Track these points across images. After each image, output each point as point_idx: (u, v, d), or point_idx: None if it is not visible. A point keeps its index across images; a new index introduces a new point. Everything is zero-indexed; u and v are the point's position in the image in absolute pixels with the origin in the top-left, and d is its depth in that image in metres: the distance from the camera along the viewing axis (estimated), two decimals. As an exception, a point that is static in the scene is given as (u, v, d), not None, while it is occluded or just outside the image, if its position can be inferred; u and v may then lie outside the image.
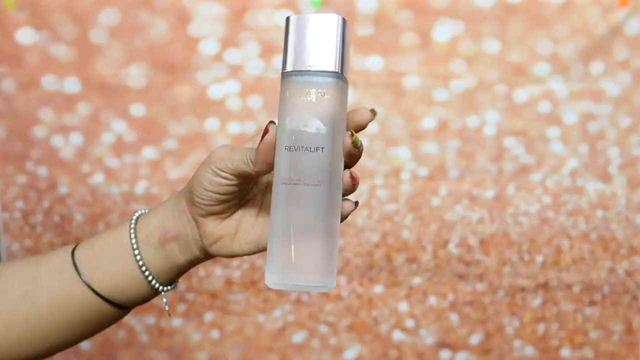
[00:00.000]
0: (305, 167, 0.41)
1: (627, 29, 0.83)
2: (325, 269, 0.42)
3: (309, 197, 0.42)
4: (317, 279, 0.42)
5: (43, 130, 0.87)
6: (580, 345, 0.94)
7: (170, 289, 0.49)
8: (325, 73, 0.42)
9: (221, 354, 0.95)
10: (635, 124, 0.87)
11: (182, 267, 0.47)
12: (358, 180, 0.43)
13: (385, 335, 0.95)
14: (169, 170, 0.89)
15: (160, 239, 0.46)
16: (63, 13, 0.83)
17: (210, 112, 0.87)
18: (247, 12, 0.84)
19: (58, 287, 0.46)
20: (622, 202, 0.90)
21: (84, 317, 0.47)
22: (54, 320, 0.46)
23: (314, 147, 0.41)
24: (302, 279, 0.42)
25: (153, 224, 0.47)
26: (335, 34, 0.43)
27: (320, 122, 0.42)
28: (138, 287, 0.47)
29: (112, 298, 0.47)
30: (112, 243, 0.47)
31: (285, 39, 0.43)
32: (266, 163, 0.42)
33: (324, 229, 0.42)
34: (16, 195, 0.90)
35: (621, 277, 0.92)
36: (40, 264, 0.47)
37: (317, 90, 0.42)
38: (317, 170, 0.42)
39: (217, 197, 0.44)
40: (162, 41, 0.84)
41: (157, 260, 0.46)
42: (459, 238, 0.91)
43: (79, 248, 0.48)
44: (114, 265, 0.46)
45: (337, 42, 0.43)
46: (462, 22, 0.84)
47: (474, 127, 0.88)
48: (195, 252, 0.47)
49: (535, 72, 0.85)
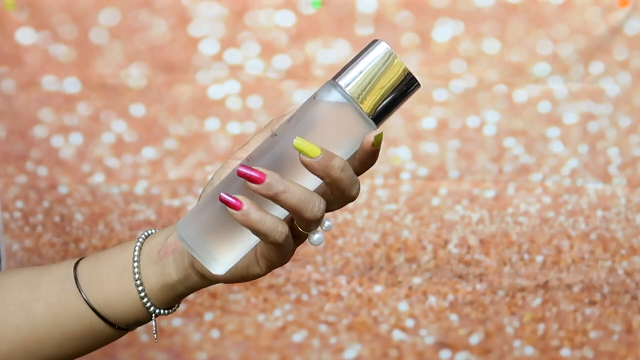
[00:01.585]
0: (267, 156, 0.41)
1: (627, 29, 0.83)
2: (229, 258, 0.42)
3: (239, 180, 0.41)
4: (220, 263, 0.42)
5: (43, 130, 0.87)
6: (580, 345, 0.94)
7: (164, 314, 0.47)
8: (367, 121, 0.41)
9: (221, 354, 0.95)
10: (635, 124, 0.87)
11: (174, 286, 0.45)
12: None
13: (385, 335, 0.95)
14: (169, 171, 0.89)
15: (160, 251, 0.45)
16: (63, 13, 0.83)
17: (211, 112, 0.87)
18: (247, 12, 0.84)
19: (56, 297, 0.45)
20: (622, 202, 0.90)
21: (76, 331, 0.45)
22: (47, 332, 0.45)
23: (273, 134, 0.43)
24: (207, 256, 0.41)
25: (158, 239, 0.46)
26: (404, 94, 0.43)
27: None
28: (131, 304, 0.45)
29: (104, 314, 0.45)
30: (116, 256, 0.46)
31: (360, 62, 0.41)
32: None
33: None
34: (16, 195, 0.90)
35: (621, 277, 0.92)
36: (45, 273, 0.46)
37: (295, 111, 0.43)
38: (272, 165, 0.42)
39: None
40: (162, 41, 0.84)
41: (153, 276, 0.45)
42: (459, 238, 0.91)
43: (85, 259, 0.46)
44: (111, 278, 0.45)
45: (398, 102, 0.43)
46: (462, 22, 0.84)
47: (474, 127, 0.88)
48: (187, 269, 0.45)
49: (535, 72, 0.85)
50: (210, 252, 0.41)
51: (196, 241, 0.41)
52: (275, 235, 0.39)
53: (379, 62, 0.40)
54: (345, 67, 0.41)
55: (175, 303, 0.47)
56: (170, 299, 0.46)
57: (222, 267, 0.42)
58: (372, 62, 0.40)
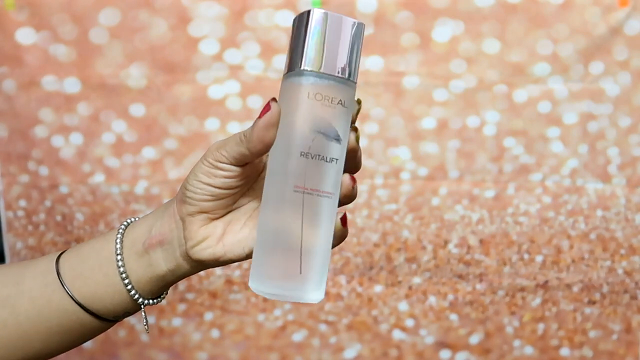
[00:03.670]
0: (322, 178, 0.40)
1: (627, 29, 0.83)
2: (323, 280, 0.42)
3: (323, 208, 0.40)
4: (319, 291, 0.41)
5: (43, 130, 0.87)
6: (579, 345, 0.94)
7: (153, 304, 0.46)
8: (351, 83, 0.41)
9: (221, 354, 0.96)
10: (635, 124, 0.87)
11: (164, 277, 0.45)
12: (356, 185, 0.42)
13: (385, 335, 0.95)
14: (169, 170, 0.89)
15: (145, 243, 0.44)
16: (63, 13, 0.83)
17: (211, 112, 0.87)
18: (247, 12, 0.84)
19: (40, 292, 0.44)
20: (622, 202, 0.90)
21: (63, 326, 0.44)
22: (32, 328, 0.44)
23: (330, 158, 0.40)
24: (305, 291, 0.40)
25: (140, 230, 0.45)
26: (361, 41, 0.41)
27: (339, 133, 0.40)
28: (118, 297, 0.44)
29: (91, 307, 0.44)
30: (98, 249, 0.45)
31: (306, 33, 0.40)
32: (262, 142, 0.39)
33: (329, 241, 0.41)
34: (19, 194, 0.90)
35: (620, 276, 0.92)
36: (28, 268, 0.45)
37: (341, 99, 0.40)
38: (330, 182, 0.40)
39: (211, 190, 0.42)
40: (162, 41, 0.84)
41: (139, 268, 0.44)
42: (459, 238, 0.91)
43: (67, 252, 0.46)
44: (96, 271, 0.44)
45: (359, 50, 0.41)
46: (462, 22, 0.84)
47: (474, 127, 0.88)
48: (178, 259, 0.44)
49: (535, 72, 0.85)
50: (294, 289, 0.41)
51: (277, 288, 0.41)
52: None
53: (322, 28, 0.40)
54: (297, 51, 0.40)
55: (164, 291, 0.47)
56: (159, 288, 0.46)
57: (319, 293, 0.42)
58: (341, 36, 0.40)
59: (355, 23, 0.41)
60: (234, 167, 0.41)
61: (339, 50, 0.40)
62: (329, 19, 0.40)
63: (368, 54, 0.85)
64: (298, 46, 0.40)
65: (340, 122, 0.40)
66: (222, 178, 0.41)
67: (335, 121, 0.40)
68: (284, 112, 0.40)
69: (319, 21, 0.40)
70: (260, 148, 0.40)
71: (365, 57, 0.85)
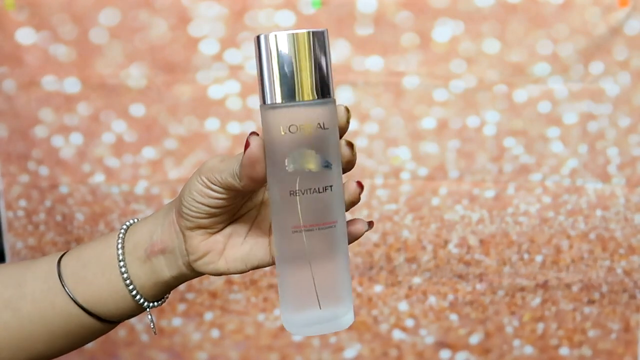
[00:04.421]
0: (318, 211, 0.38)
1: (627, 29, 0.83)
2: (349, 303, 0.40)
3: (327, 240, 0.38)
4: (347, 316, 0.40)
5: (43, 130, 0.87)
6: (578, 344, 0.95)
7: (157, 305, 0.46)
8: (323, 102, 0.37)
9: (221, 354, 0.96)
10: (634, 124, 0.87)
11: (168, 282, 0.45)
12: (362, 187, 0.41)
13: (385, 335, 0.95)
14: (169, 171, 0.89)
15: (147, 251, 0.44)
16: (63, 13, 0.83)
17: (211, 112, 0.87)
18: (247, 12, 0.84)
19: (42, 295, 0.44)
20: (621, 202, 0.90)
21: (66, 328, 0.44)
22: (35, 330, 0.44)
23: (323, 187, 0.37)
24: (332, 322, 0.39)
25: (141, 235, 0.44)
26: (326, 50, 0.37)
27: (328, 159, 0.37)
28: (122, 302, 0.44)
29: (95, 311, 0.44)
30: (99, 253, 0.45)
31: (261, 63, 0.37)
32: (251, 179, 0.38)
33: (344, 265, 0.40)
34: (19, 194, 0.90)
35: (620, 276, 0.92)
36: (28, 270, 0.45)
37: (320, 122, 0.37)
38: (329, 211, 0.38)
39: (206, 209, 0.41)
40: (162, 41, 0.84)
41: (143, 274, 0.44)
42: (459, 238, 0.91)
43: (67, 256, 0.45)
44: (98, 276, 0.44)
45: (328, 61, 0.37)
46: (462, 22, 0.84)
47: (474, 127, 0.88)
48: (181, 268, 0.44)
49: (535, 72, 0.85)
50: (321, 322, 0.39)
51: (305, 327, 0.40)
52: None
53: (288, 51, 0.36)
54: (261, 82, 0.37)
55: (167, 294, 0.47)
56: (162, 292, 0.46)
57: (347, 318, 0.40)
58: (267, 59, 0.37)
59: (311, 33, 0.36)
60: (226, 192, 0.41)
61: (301, 71, 0.36)
62: (278, 40, 0.36)
63: (368, 54, 0.85)
64: (260, 78, 0.37)
65: (324, 146, 0.37)
66: (216, 199, 0.41)
67: (319, 148, 0.37)
68: (267, 147, 0.38)
69: (269, 47, 0.36)
70: (252, 185, 0.39)
71: (365, 57, 0.85)
